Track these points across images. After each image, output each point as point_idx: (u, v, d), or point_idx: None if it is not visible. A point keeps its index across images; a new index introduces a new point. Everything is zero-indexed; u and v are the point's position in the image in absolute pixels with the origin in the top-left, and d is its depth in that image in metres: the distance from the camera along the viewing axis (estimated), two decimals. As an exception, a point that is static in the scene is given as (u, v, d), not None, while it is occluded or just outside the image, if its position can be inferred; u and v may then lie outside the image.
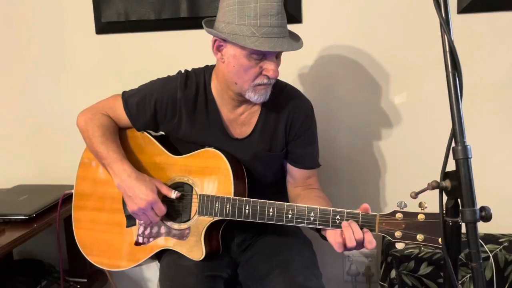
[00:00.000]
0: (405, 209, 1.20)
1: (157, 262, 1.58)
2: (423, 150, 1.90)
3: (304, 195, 1.53)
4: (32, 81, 2.14)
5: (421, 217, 1.18)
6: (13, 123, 2.19)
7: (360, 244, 1.22)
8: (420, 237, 1.18)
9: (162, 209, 1.41)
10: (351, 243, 1.21)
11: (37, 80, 2.14)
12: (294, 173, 1.57)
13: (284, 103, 1.49)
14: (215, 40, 1.35)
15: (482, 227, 1.69)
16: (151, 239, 1.49)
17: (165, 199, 1.45)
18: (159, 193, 1.41)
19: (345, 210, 1.25)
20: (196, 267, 1.41)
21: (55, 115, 2.14)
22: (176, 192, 1.40)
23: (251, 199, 1.34)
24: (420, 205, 1.15)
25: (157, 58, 2.00)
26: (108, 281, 2.08)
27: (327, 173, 1.91)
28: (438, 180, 0.91)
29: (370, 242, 1.21)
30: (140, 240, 1.51)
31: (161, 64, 1.70)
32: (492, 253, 1.68)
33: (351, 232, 1.21)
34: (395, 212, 1.21)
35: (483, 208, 0.85)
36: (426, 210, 1.17)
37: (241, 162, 1.49)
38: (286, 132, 1.50)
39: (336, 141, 1.97)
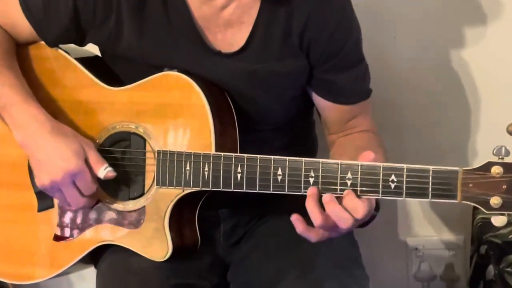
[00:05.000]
0: (506, 159, 0.92)
1: (93, 267, 1.28)
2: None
3: (339, 144, 1.18)
4: None
5: None
6: None
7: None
8: (534, 204, 0.90)
9: (89, 184, 1.10)
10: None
11: None
12: (327, 113, 1.20)
13: None
14: None
15: None
16: (79, 230, 1.18)
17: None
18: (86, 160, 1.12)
19: (405, 166, 0.95)
20: (157, 271, 1.11)
21: None
22: (109, 168, 1.11)
23: (246, 155, 1.04)
24: None
25: None
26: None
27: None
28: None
29: (354, 209, 0.92)
30: (61, 232, 1.20)
31: None
32: None
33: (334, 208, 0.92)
34: (490, 164, 0.92)
35: None
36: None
37: (227, 94, 1.13)
38: (304, 48, 1.11)
39: (390, 56, 1.56)
